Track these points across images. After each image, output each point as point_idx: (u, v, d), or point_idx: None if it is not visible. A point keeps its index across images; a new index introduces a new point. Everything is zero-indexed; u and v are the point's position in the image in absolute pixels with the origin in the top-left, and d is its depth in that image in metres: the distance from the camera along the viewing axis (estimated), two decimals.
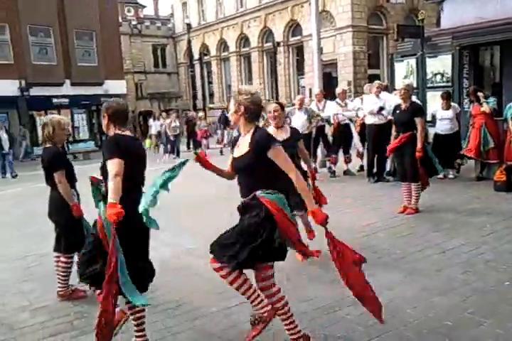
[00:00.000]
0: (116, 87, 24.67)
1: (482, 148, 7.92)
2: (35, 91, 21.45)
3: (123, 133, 3.25)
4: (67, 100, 22.93)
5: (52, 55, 22.66)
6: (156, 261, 5.01)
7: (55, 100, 22.47)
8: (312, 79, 18.07)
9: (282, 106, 4.83)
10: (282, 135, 4.67)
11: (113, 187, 2.92)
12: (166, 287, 4.33)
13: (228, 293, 4.06)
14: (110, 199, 2.88)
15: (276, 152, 2.92)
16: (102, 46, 24.21)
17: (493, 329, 3.20)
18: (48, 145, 4.17)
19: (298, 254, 4.37)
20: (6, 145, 14.56)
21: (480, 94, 8.05)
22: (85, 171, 4.87)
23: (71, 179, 4.15)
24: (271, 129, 4.74)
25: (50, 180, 4.11)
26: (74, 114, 23.50)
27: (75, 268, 4.17)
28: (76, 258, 4.15)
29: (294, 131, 4.94)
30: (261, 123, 8.41)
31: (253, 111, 3.00)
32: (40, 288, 4.51)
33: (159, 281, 4.44)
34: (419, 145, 6.07)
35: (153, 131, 20.51)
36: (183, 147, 18.10)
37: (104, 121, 3.29)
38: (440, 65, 10.59)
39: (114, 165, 3.00)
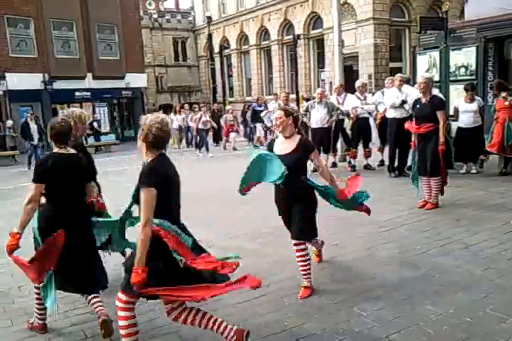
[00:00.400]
0: (137, 80, 24.86)
1: (506, 143, 7.76)
2: (58, 85, 21.74)
3: (60, 151, 3.43)
4: (89, 93, 23.19)
5: (75, 49, 22.91)
6: None
7: (77, 93, 22.76)
8: (332, 73, 17.95)
9: (288, 113, 3.93)
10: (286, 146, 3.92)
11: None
12: None
13: None
14: None
15: None
16: (123, 40, 24.38)
17: None
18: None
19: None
20: (36, 137, 13.96)
21: (503, 94, 7.89)
22: (107, 163, 4.93)
23: (93, 171, 4.19)
24: (279, 139, 4.04)
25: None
26: (95, 108, 23.75)
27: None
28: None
29: (303, 142, 3.94)
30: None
31: None
32: None
33: None
34: (441, 138, 5.98)
35: (174, 125, 20.01)
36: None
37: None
38: (464, 57, 10.37)
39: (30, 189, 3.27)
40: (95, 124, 20.62)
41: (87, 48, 23.15)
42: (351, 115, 9.57)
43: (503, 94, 7.89)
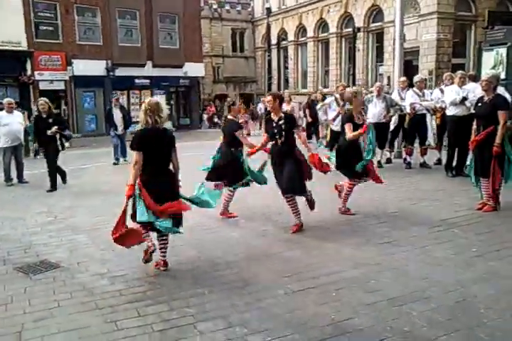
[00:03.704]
0: (195, 69, 25.24)
1: None
2: (119, 72, 22.41)
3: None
4: (148, 81, 23.77)
5: (137, 37, 23.52)
6: (227, 240, 5.22)
7: (137, 81, 23.38)
8: (391, 67, 17.50)
9: (275, 97, 5.54)
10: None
11: None
12: (236, 266, 4.46)
13: (295, 277, 4.15)
14: None
15: None
16: (183, 29, 24.78)
17: None
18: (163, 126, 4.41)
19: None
20: (120, 126, 12.14)
21: None
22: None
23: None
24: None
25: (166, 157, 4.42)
26: (154, 95, 24.34)
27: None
28: None
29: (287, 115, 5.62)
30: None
31: None
32: (117, 257, 4.78)
33: (229, 260, 4.61)
34: (497, 140, 5.74)
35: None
36: None
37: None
38: None
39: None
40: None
41: (149, 37, 23.70)
42: (408, 111, 9.32)
43: None
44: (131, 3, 22.73)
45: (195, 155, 12.48)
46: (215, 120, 27.38)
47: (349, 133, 5.79)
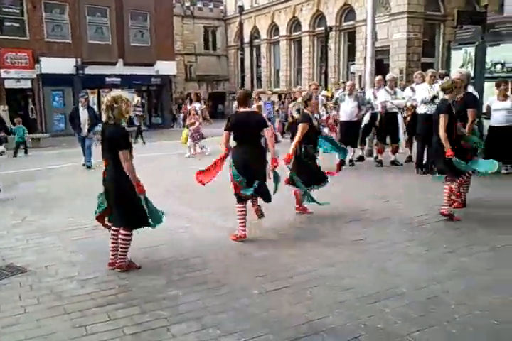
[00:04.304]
0: (166, 68, 24.98)
1: None
2: (89, 70, 22.01)
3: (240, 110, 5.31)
4: (119, 79, 23.40)
5: (108, 35, 23.13)
6: (199, 241, 5.16)
7: (107, 79, 23.00)
8: (363, 66, 17.68)
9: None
10: None
11: None
12: (209, 267, 4.41)
13: (270, 276, 4.13)
14: None
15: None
16: (155, 27, 24.49)
17: None
18: (113, 122, 4.19)
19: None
20: (85, 128, 10.90)
21: None
22: (136, 150, 5.00)
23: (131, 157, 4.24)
24: None
25: (112, 156, 4.16)
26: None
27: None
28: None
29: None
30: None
31: None
32: (89, 260, 4.68)
33: (203, 261, 4.56)
34: (468, 129, 5.87)
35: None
36: None
37: None
38: (501, 54, 10.09)
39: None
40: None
41: (119, 34, 23.34)
42: (380, 109, 9.42)
43: None
44: (101, 0, 22.34)
45: (165, 156, 12.41)
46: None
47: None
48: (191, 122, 12.45)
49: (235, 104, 12.51)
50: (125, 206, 4.25)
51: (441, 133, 5.32)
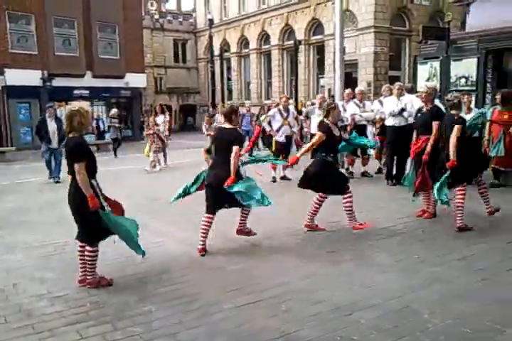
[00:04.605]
0: (136, 80, 24.81)
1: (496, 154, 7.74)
2: (57, 82, 21.65)
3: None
4: (87, 92, 23.10)
5: (75, 47, 22.85)
6: (171, 256, 5.09)
7: (75, 91, 22.66)
8: (332, 79, 17.96)
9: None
10: None
11: None
12: (182, 282, 4.35)
13: (243, 290, 4.10)
14: None
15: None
16: (124, 39, 24.35)
17: None
18: (72, 135, 4.17)
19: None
20: (54, 139, 10.53)
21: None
22: (104, 163, 4.92)
23: (92, 169, 4.17)
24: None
25: (71, 169, 4.13)
26: (94, 106, 23.68)
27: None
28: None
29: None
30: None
31: None
32: (59, 276, 4.55)
33: (175, 276, 4.49)
34: (428, 148, 5.98)
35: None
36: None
37: None
38: (465, 68, 10.46)
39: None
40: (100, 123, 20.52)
41: (88, 46, 23.09)
42: (349, 122, 9.57)
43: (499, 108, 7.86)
44: (68, 11, 22.06)
45: (136, 169, 12.25)
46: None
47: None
48: (148, 133, 12.23)
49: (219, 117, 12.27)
50: (84, 221, 4.19)
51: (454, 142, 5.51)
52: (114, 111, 17.49)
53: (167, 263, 4.89)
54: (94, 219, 4.15)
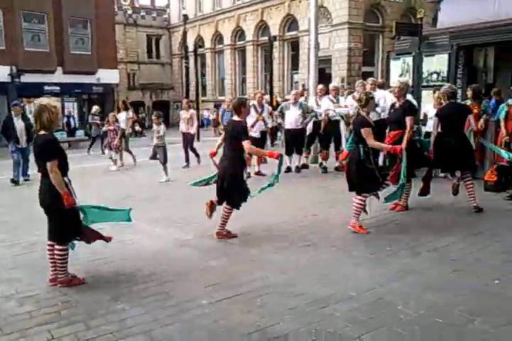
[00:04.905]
0: (108, 76, 24.46)
1: None
2: (26, 78, 21.18)
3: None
4: (58, 88, 22.68)
5: (45, 42, 22.38)
6: (146, 253, 5.03)
7: (46, 87, 22.20)
8: (306, 75, 18.03)
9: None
10: None
11: None
12: (156, 279, 4.30)
13: (219, 285, 4.07)
14: None
15: None
16: (96, 35, 23.97)
17: (483, 327, 3.22)
18: (42, 133, 4.04)
19: None
20: (23, 138, 10.14)
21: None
22: (76, 160, 4.81)
23: (64, 167, 4.08)
24: None
25: (42, 168, 4.02)
26: (65, 102, 23.23)
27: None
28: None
29: None
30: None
31: None
32: (27, 276, 4.44)
33: (149, 273, 4.44)
34: (403, 144, 6.01)
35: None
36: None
37: None
38: (437, 63, 10.62)
39: None
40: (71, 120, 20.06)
41: (58, 42, 22.65)
42: (322, 117, 9.61)
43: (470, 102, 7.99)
44: (38, 6, 21.61)
45: (108, 166, 12.05)
46: (137, 128, 26.38)
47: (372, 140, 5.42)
48: (108, 129, 11.71)
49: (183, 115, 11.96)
50: (56, 219, 4.10)
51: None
52: (95, 108, 17.12)
53: (142, 260, 4.82)
54: (68, 217, 4.07)
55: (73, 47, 23.41)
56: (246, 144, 5.13)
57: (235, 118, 5.37)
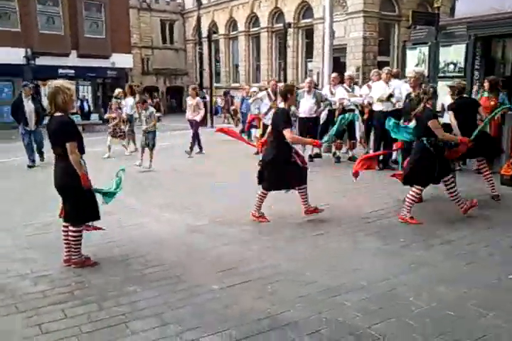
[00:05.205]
0: (122, 60, 24.43)
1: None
2: (41, 61, 21.19)
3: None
4: (73, 71, 22.68)
5: (60, 25, 22.35)
6: (157, 237, 5.06)
7: (60, 70, 22.19)
8: (320, 63, 17.86)
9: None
10: None
11: None
12: (168, 263, 4.33)
13: (230, 271, 4.09)
14: None
15: None
16: (110, 18, 23.87)
17: (495, 322, 3.20)
18: (58, 114, 4.05)
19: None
20: (32, 120, 10.00)
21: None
22: (90, 144, 4.83)
23: (81, 149, 4.09)
24: None
25: (59, 149, 4.03)
26: (79, 86, 23.28)
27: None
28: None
29: None
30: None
31: None
32: (42, 256, 4.50)
33: (161, 257, 4.47)
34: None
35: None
36: None
37: None
38: (453, 54, 10.43)
39: None
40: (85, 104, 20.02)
41: (73, 25, 22.61)
42: (337, 106, 9.54)
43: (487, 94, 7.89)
44: None
45: (117, 149, 12.08)
46: (158, 114, 26.34)
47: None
48: (110, 116, 11.47)
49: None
50: (72, 200, 4.12)
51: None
52: (118, 91, 16.61)
53: (153, 244, 4.85)
54: (85, 198, 4.11)
55: (88, 30, 23.36)
56: (287, 133, 5.16)
57: (281, 105, 5.41)
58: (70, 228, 4.17)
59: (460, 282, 3.83)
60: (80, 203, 4.10)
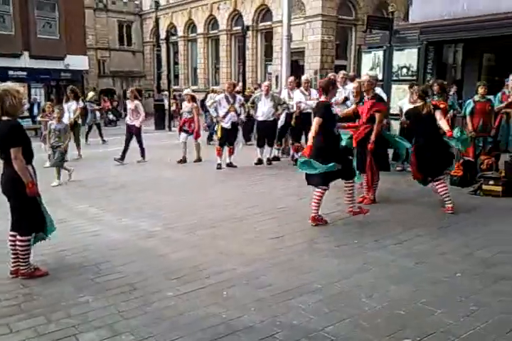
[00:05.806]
0: (77, 62, 23.83)
1: None
2: None
3: None
4: (24, 73, 21.95)
5: (10, 24, 21.57)
6: (111, 245, 4.95)
7: (11, 72, 21.42)
8: (279, 66, 18.01)
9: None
10: None
11: None
12: (122, 271, 4.24)
13: (186, 278, 4.04)
14: None
15: None
16: (64, 19, 23.22)
17: (443, 319, 3.29)
18: (6, 118, 3.87)
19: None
20: None
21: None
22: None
23: (28, 155, 3.95)
24: None
25: (5, 155, 3.88)
26: (31, 89, 22.56)
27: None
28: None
29: None
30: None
31: None
32: None
33: (115, 265, 4.37)
34: (372, 137, 6.11)
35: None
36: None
37: None
38: (406, 58, 10.71)
39: None
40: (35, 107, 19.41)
41: (24, 25, 21.87)
42: (295, 109, 9.62)
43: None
44: None
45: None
46: (110, 117, 25.70)
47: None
48: (43, 120, 10.94)
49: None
50: (19, 208, 3.98)
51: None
52: (91, 94, 15.93)
53: (104, 252, 4.74)
54: (32, 207, 3.96)
55: (40, 30, 22.64)
56: (317, 119, 5.30)
57: (322, 98, 5.52)
58: (18, 237, 4.01)
59: (410, 281, 3.92)
60: (26, 212, 3.95)
